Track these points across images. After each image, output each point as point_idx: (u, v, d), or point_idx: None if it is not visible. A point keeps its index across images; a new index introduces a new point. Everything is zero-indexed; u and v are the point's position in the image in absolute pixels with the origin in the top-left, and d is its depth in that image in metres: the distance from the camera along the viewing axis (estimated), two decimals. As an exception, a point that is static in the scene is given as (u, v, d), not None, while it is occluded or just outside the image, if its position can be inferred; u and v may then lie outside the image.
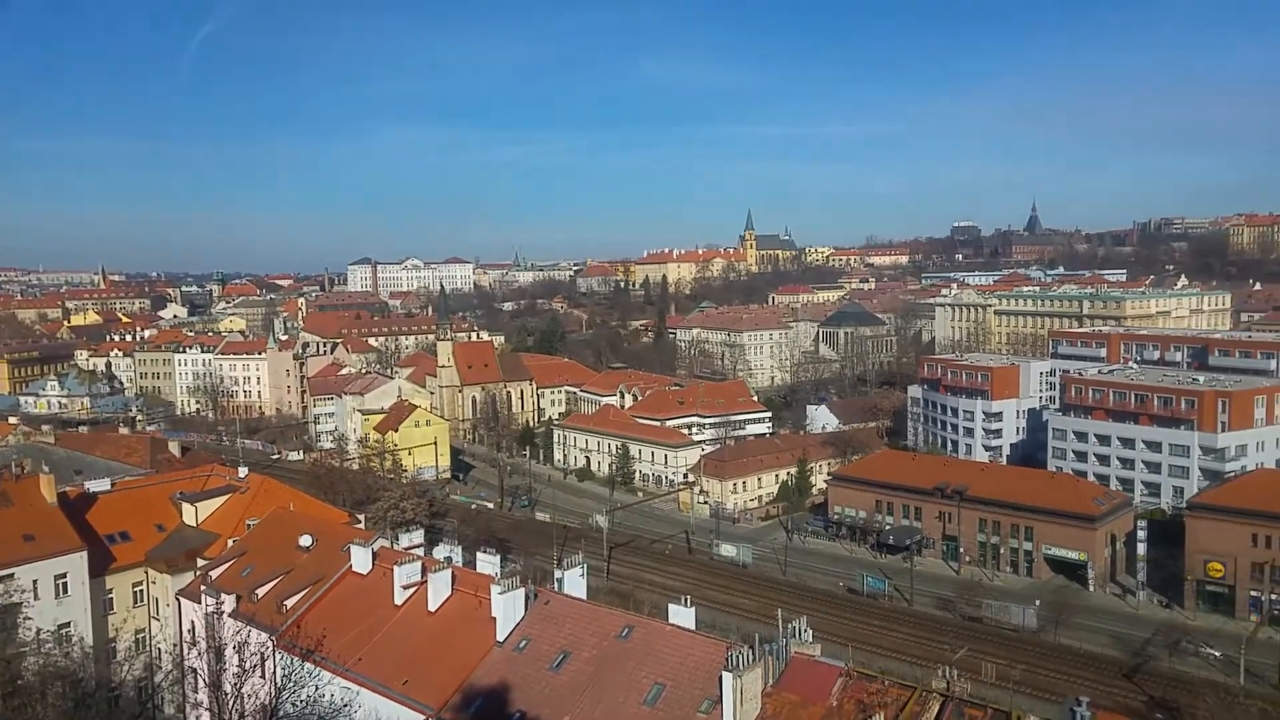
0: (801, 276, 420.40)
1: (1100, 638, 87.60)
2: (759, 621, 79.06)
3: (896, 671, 65.12)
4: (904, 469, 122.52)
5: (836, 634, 74.80)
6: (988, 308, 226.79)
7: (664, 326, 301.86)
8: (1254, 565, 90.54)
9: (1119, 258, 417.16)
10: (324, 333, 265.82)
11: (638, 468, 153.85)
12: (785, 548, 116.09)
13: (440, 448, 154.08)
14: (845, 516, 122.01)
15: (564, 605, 51.47)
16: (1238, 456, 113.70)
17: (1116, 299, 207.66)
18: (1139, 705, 70.97)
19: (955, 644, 73.97)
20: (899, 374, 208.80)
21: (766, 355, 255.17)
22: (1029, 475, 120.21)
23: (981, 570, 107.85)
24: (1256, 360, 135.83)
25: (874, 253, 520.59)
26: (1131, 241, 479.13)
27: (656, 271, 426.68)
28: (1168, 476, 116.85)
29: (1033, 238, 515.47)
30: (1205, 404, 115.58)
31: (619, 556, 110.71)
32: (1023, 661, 74.92)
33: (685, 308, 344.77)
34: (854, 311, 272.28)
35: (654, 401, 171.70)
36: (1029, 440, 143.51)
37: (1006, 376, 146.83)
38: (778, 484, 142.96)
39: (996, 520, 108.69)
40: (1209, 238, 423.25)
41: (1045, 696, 66.37)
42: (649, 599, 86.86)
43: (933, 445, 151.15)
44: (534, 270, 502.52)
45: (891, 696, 41.55)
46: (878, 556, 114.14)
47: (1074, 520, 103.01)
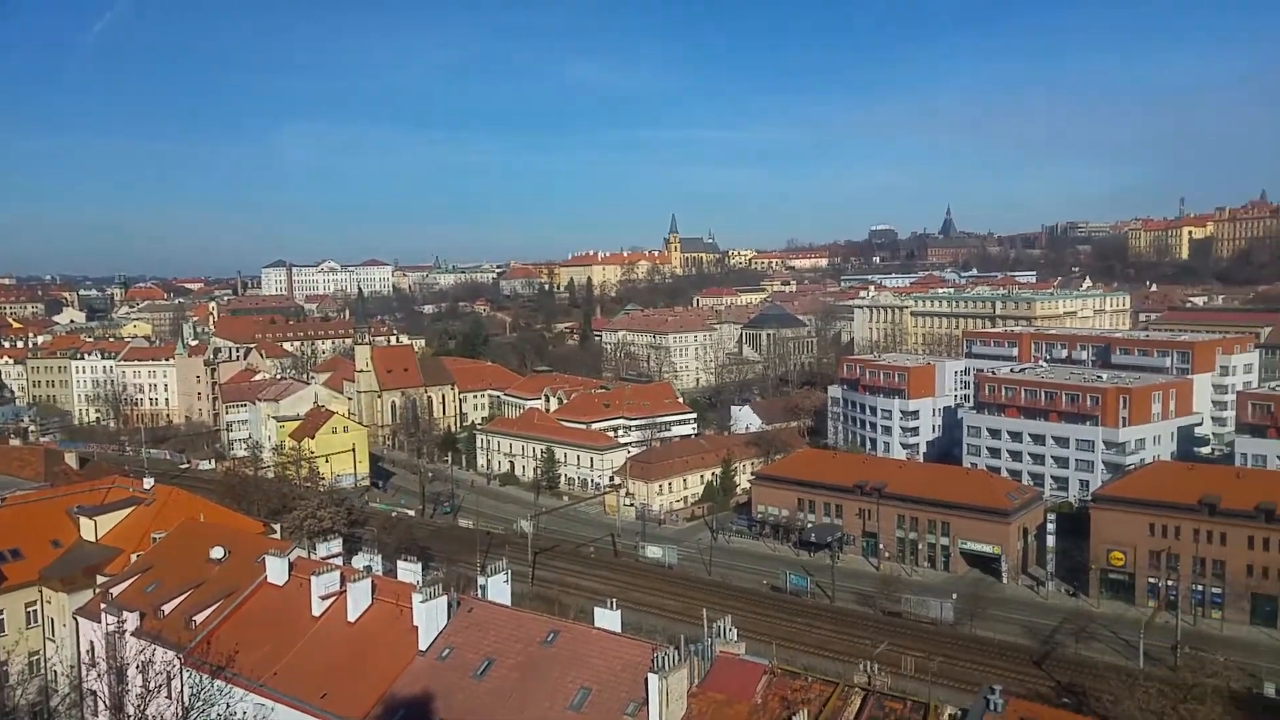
0: (725, 279, 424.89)
1: (1013, 628, 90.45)
2: (685, 622, 79.38)
3: (819, 668, 66.24)
4: (825, 467, 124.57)
5: (761, 632, 75.67)
6: (904, 309, 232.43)
7: (589, 329, 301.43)
8: (1152, 553, 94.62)
9: (1029, 260, 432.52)
10: (237, 338, 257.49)
11: (563, 471, 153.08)
12: (710, 548, 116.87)
13: (359, 454, 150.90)
14: (769, 515, 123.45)
15: (488, 612, 50.78)
16: (1137, 450, 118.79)
17: (1027, 300, 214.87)
18: (1048, 691, 73.45)
19: (876, 639, 75.48)
20: (820, 374, 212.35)
21: (691, 357, 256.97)
22: (945, 472, 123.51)
23: (900, 565, 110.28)
24: (1154, 358, 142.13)
25: (795, 256, 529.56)
26: (1040, 244, 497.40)
27: (581, 274, 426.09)
28: (1075, 471, 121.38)
29: (947, 241, 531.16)
30: (1108, 401, 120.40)
31: (544, 561, 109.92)
32: (941, 654, 76.89)
33: (611, 310, 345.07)
34: (776, 313, 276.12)
35: (579, 404, 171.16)
36: (945, 438, 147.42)
37: (922, 376, 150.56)
38: (703, 485, 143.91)
39: (914, 516, 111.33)
40: (1110, 241, 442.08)
41: (962, 687, 68.14)
42: (575, 603, 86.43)
43: (853, 444, 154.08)
44: (455, 272, 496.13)
45: (814, 693, 42.08)
46: (800, 554, 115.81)
47: (988, 515, 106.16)
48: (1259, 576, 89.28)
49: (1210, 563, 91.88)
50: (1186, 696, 60.90)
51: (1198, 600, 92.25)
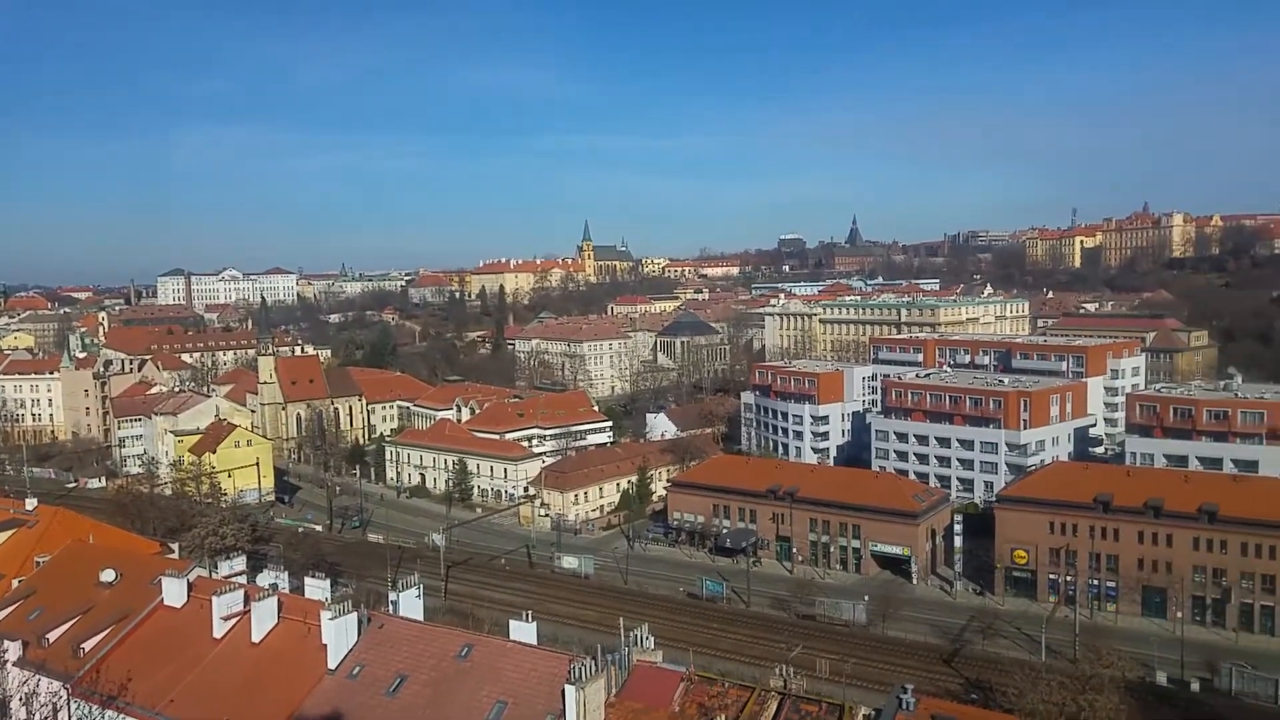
0: (639, 287, 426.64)
1: (923, 627, 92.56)
2: (601, 632, 78.68)
3: (736, 673, 66.42)
4: (739, 473, 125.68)
5: (678, 639, 75.54)
6: (813, 316, 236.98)
7: (502, 337, 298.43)
8: (1052, 551, 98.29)
9: (932, 268, 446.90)
10: (130, 349, 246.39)
11: (476, 483, 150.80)
12: (627, 556, 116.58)
13: (263, 469, 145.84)
14: (684, 522, 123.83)
15: (400, 628, 49.35)
16: (1037, 451, 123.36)
17: (931, 307, 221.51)
18: (958, 688, 75.32)
19: (791, 642, 76.15)
20: (733, 381, 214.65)
21: (606, 365, 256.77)
22: (855, 475, 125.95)
23: (814, 568, 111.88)
24: (1051, 362, 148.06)
25: (707, 264, 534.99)
26: (943, 252, 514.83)
27: (493, 281, 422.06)
28: (979, 472, 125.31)
29: (854, 249, 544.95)
30: (1010, 404, 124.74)
31: (457, 575, 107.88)
32: (854, 655, 78.07)
33: (524, 318, 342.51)
34: (689, 321, 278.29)
35: (492, 414, 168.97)
36: (854, 441, 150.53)
37: (832, 381, 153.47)
38: (619, 493, 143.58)
39: (826, 520, 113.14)
40: (1009, 249, 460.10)
41: (875, 687, 69.20)
42: (489, 616, 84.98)
43: (765, 449, 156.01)
44: (362, 281, 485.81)
45: (732, 698, 42.15)
46: (716, 560, 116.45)
47: (897, 517, 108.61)
48: (1149, 570, 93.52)
49: (1105, 558, 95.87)
50: (1085, 687, 63.16)
51: (1094, 594, 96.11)
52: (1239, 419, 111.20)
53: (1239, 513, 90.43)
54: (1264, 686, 74.55)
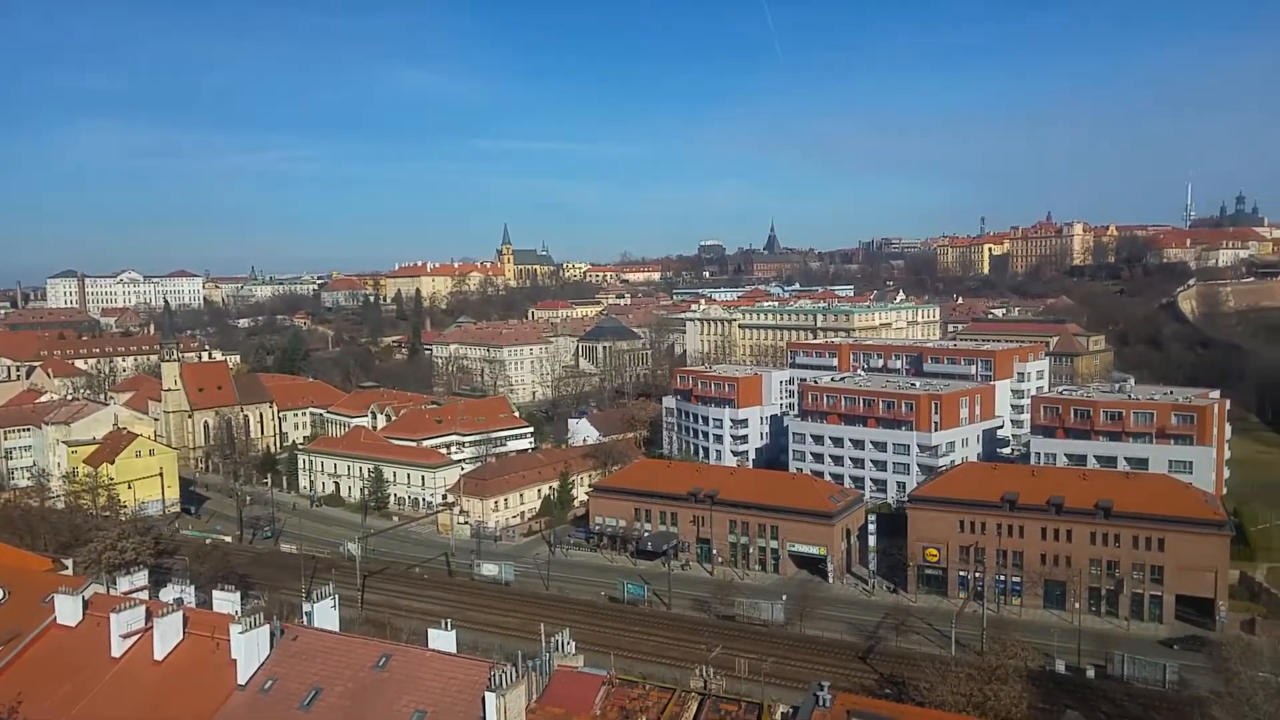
0: (560, 292, 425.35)
1: (840, 625, 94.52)
2: (522, 638, 78.18)
3: (657, 675, 66.89)
4: (660, 477, 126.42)
5: (599, 644, 75.59)
6: (733, 322, 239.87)
7: (419, 343, 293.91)
8: (962, 548, 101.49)
9: (847, 274, 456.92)
10: (18, 355, 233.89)
11: (393, 491, 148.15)
12: (548, 562, 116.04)
13: (167, 479, 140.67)
14: (606, 526, 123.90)
15: (314, 640, 48.13)
16: (948, 452, 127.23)
17: (846, 312, 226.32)
18: (873, 683, 77.14)
19: (711, 643, 76.92)
20: (655, 385, 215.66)
21: (527, 370, 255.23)
22: (773, 477, 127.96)
23: (733, 570, 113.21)
24: (961, 366, 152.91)
25: (629, 269, 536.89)
26: (857, 259, 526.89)
27: (410, 285, 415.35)
28: (892, 473, 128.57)
29: (772, 256, 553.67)
30: (921, 406, 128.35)
31: (374, 585, 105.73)
32: (773, 654, 79.30)
33: (442, 323, 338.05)
34: (611, 326, 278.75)
35: (409, 421, 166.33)
36: (772, 444, 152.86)
37: (751, 385, 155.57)
38: (540, 499, 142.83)
39: (745, 521, 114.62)
40: (921, 256, 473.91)
41: (793, 685, 70.37)
42: (408, 626, 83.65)
43: (687, 452, 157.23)
44: (273, 284, 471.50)
45: (653, 700, 42.37)
46: (638, 564, 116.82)
47: (814, 518, 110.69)
48: (1051, 565, 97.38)
49: (1010, 554, 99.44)
50: (991, 678, 65.46)
51: (1001, 589, 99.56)
52: (1132, 419, 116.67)
53: (1131, 508, 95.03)
54: (1152, 671, 78.49)
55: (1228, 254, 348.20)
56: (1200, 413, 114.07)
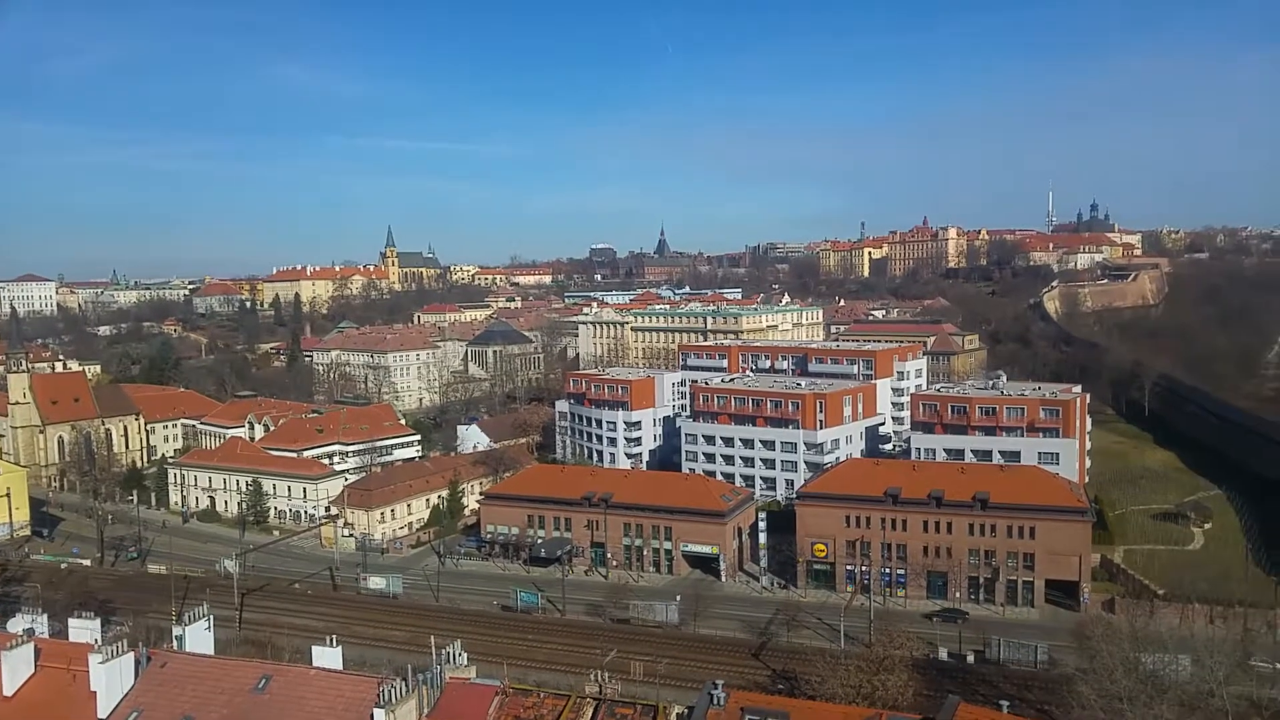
0: (447, 295, 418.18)
1: (733, 624, 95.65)
2: (413, 652, 76.11)
3: (552, 682, 66.09)
4: (553, 482, 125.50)
5: (492, 653, 74.18)
6: (625, 324, 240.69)
7: (299, 349, 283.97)
8: (848, 543, 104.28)
9: (735, 278, 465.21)
10: None
11: (272, 504, 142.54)
12: (438, 573, 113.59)
13: (15, 500, 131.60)
14: (498, 534, 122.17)
15: (186, 665, 45.63)
16: (833, 449, 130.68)
17: (734, 315, 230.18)
18: (766, 680, 78.28)
19: (606, 647, 76.48)
20: (547, 390, 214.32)
21: (414, 376, 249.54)
22: (666, 479, 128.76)
23: (628, 572, 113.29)
24: (844, 366, 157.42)
25: (519, 272, 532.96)
26: (744, 263, 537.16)
27: (288, 290, 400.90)
28: (781, 471, 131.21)
29: (662, 260, 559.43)
30: (807, 406, 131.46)
31: (253, 603, 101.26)
32: (667, 655, 79.60)
33: (323, 328, 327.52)
34: (502, 330, 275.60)
35: (289, 431, 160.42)
36: (665, 446, 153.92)
37: (643, 388, 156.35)
38: (429, 509, 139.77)
39: (639, 523, 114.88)
40: (805, 260, 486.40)
41: (688, 685, 70.67)
42: (290, 644, 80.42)
43: (580, 456, 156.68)
44: (138, 289, 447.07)
45: (548, 707, 41.88)
46: (531, 571, 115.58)
47: (707, 517, 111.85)
48: (933, 556, 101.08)
49: (895, 547, 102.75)
50: (879, 669, 67.35)
51: (886, 582, 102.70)
52: (1005, 414, 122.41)
53: (1005, 499, 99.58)
54: (1026, 653, 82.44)
55: (1085, 257, 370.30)
56: (1065, 407, 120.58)
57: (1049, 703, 67.04)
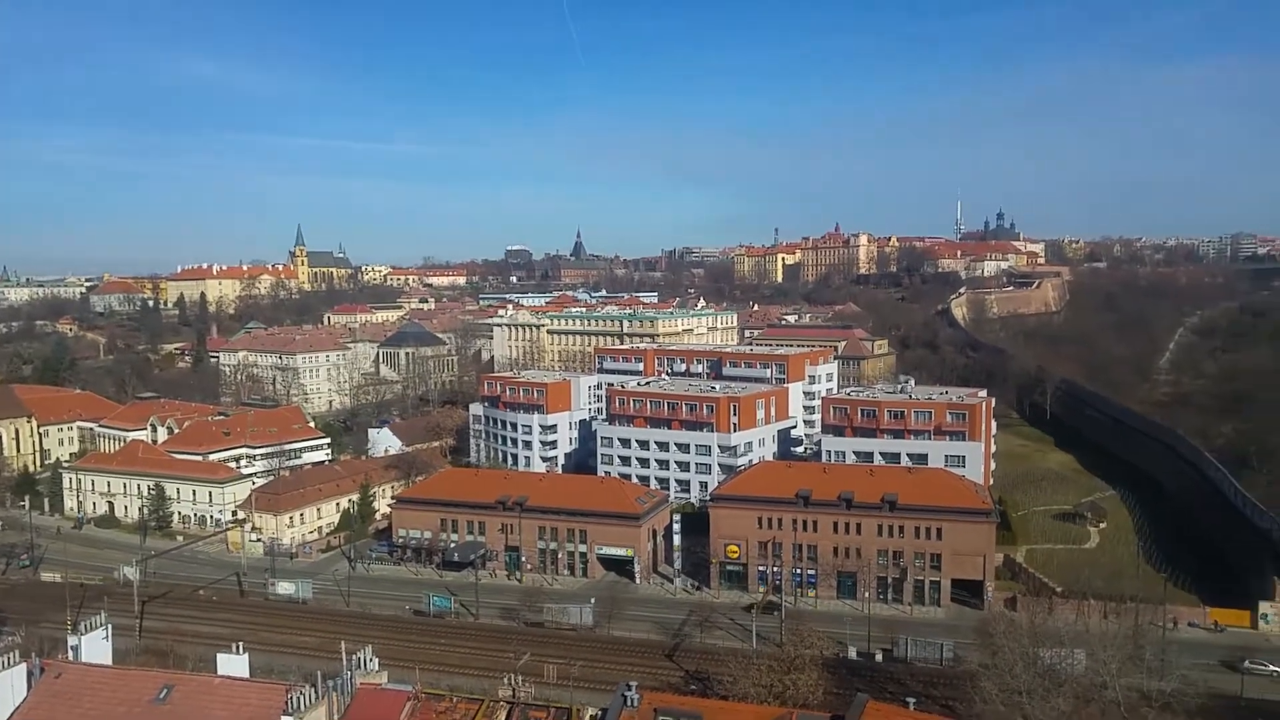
0: (359, 296, 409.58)
1: (647, 625, 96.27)
2: (323, 658, 74.53)
3: (466, 686, 65.53)
4: (467, 486, 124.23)
5: (404, 658, 73.28)
6: (541, 327, 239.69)
7: (204, 350, 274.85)
8: (761, 544, 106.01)
9: (651, 281, 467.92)
10: None
11: (176, 509, 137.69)
12: (349, 577, 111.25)
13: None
14: (410, 538, 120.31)
15: (82, 675, 43.80)
16: (746, 452, 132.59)
17: (650, 318, 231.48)
18: (679, 680, 79.06)
19: (519, 651, 76.24)
20: (461, 392, 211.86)
21: (324, 378, 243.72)
22: (581, 482, 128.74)
23: (542, 576, 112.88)
24: (757, 370, 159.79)
25: (432, 273, 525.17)
26: (661, 267, 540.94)
27: (193, 289, 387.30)
28: (695, 473, 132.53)
29: (579, 262, 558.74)
30: (721, 409, 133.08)
31: (155, 611, 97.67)
32: (581, 658, 79.74)
33: (229, 329, 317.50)
34: (414, 331, 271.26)
35: (194, 434, 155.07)
36: (581, 449, 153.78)
37: (559, 391, 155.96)
38: (339, 512, 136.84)
39: (554, 527, 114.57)
40: (720, 265, 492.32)
41: (602, 687, 70.89)
42: (194, 653, 77.91)
43: (495, 460, 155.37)
44: (31, 287, 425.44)
45: (460, 712, 41.60)
46: (444, 575, 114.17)
47: (621, 520, 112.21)
48: (843, 557, 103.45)
49: (806, 548, 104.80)
50: (790, 668, 68.73)
51: (798, 582, 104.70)
52: (913, 418, 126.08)
53: (913, 501, 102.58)
54: (932, 651, 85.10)
55: (991, 265, 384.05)
56: (971, 411, 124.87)
57: (954, 699, 69.32)
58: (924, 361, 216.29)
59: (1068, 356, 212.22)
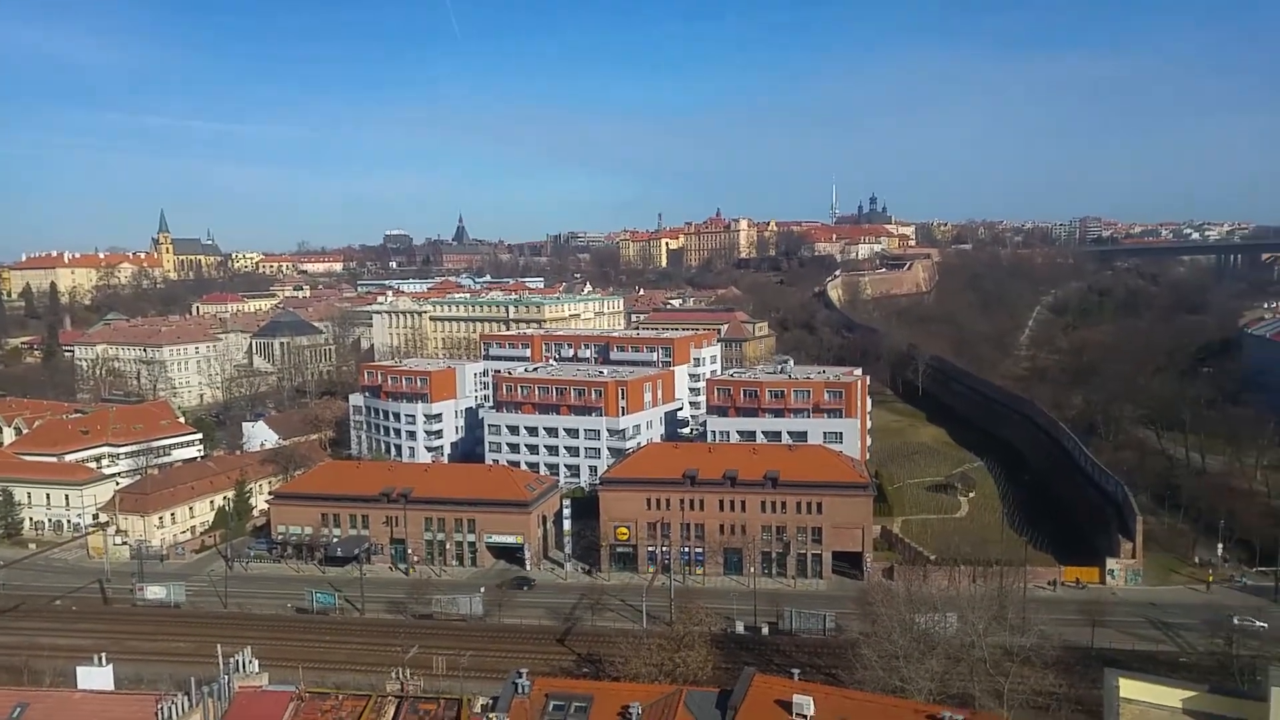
0: (229, 284, 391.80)
1: (538, 611, 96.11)
2: (197, 664, 71.25)
3: (352, 683, 64.07)
4: (349, 479, 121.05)
5: (286, 658, 71.11)
6: (423, 314, 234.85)
7: (57, 343, 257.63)
8: (650, 525, 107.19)
9: (537, 267, 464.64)
10: None
11: (28, 514, 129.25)
12: (225, 578, 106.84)
13: None
14: (290, 535, 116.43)
15: (-79, 698, 40.53)
16: (635, 435, 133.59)
17: (537, 304, 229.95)
18: (571, 664, 79.34)
19: (407, 644, 74.87)
20: (340, 383, 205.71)
21: (193, 371, 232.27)
22: (469, 471, 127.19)
23: (430, 567, 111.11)
24: (644, 353, 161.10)
25: (307, 259, 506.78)
26: (546, 252, 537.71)
27: (42, 278, 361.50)
28: (585, 458, 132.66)
29: (461, 247, 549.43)
30: (609, 393, 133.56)
31: (6, 625, 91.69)
32: (471, 648, 78.85)
33: (85, 321, 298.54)
34: (289, 320, 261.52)
35: (47, 433, 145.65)
36: (468, 437, 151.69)
37: (444, 379, 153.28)
38: (213, 511, 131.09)
39: (441, 518, 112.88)
40: (606, 250, 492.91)
41: (493, 676, 70.24)
42: (52, 667, 72.88)
43: (377, 451, 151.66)
44: None
45: (347, 709, 40.67)
46: (327, 571, 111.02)
47: (511, 508, 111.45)
48: (729, 534, 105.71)
49: (693, 527, 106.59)
50: (679, 646, 69.86)
51: (686, 561, 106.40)
52: (793, 397, 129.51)
53: (794, 477, 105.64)
54: (814, 622, 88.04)
55: (865, 248, 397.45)
56: (847, 389, 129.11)
57: (836, 667, 71.82)
58: (802, 342, 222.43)
59: (937, 335, 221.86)
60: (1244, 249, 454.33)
